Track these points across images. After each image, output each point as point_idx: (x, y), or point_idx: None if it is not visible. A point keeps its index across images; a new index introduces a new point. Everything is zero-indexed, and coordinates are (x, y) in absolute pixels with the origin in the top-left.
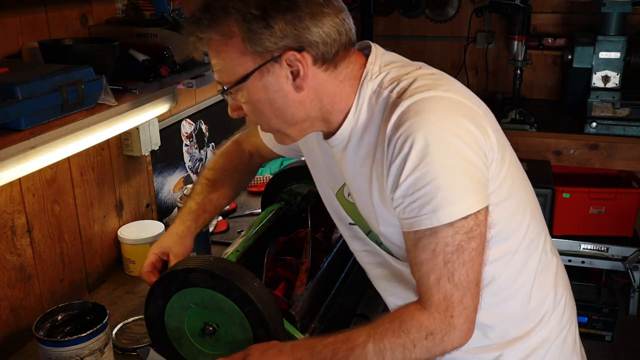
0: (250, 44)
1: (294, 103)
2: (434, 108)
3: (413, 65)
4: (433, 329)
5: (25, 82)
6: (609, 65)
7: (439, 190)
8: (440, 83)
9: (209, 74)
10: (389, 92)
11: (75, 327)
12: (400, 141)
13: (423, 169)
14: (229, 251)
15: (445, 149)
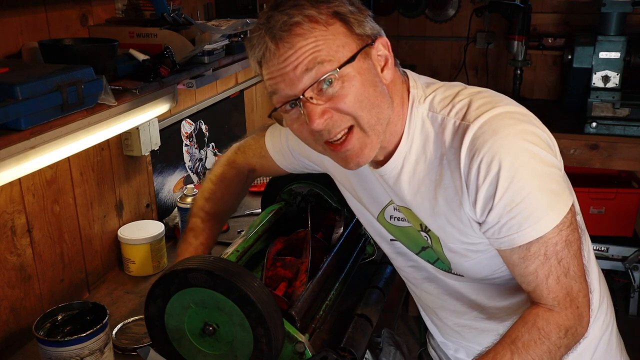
0: (350, 26)
1: (381, 95)
2: (506, 124)
3: (456, 86)
4: (569, 325)
5: (25, 82)
6: (609, 65)
7: (536, 201)
8: (495, 99)
9: (209, 74)
10: (446, 115)
11: (75, 327)
12: (485, 164)
13: (516, 185)
14: (229, 251)
15: (530, 160)
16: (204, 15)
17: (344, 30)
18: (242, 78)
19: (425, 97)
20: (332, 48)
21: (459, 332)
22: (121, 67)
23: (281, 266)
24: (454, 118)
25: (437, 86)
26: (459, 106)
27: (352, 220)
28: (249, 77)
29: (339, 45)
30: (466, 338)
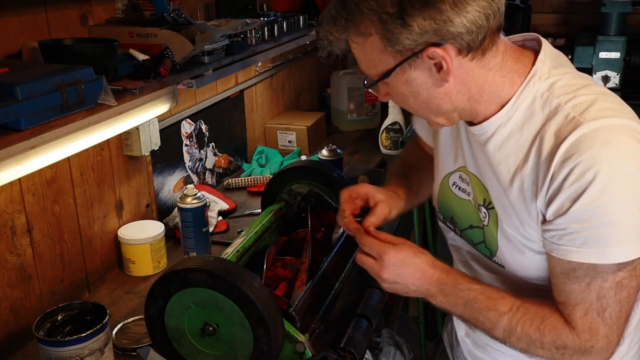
0: (388, 42)
1: (439, 95)
2: (622, 140)
3: (584, 78)
4: (568, 345)
5: (25, 82)
6: (609, 65)
7: (612, 231)
8: (622, 108)
9: (209, 74)
10: (563, 103)
11: (75, 327)
12: (580, 170)
13: (601, 205)
14: (229, 251)
15: (630, 188)
16: (204, 15)
17: (380, 46)
18: (242, 78)
19: (548, 77)
20: (370, 61)
21: None
22: (121, 67)
23: (281, 266)
24: (571, 109)
25: (566, 70)
26: (581, 99)
27: None
28: (249, 77)
29: (375, 60)
30: None
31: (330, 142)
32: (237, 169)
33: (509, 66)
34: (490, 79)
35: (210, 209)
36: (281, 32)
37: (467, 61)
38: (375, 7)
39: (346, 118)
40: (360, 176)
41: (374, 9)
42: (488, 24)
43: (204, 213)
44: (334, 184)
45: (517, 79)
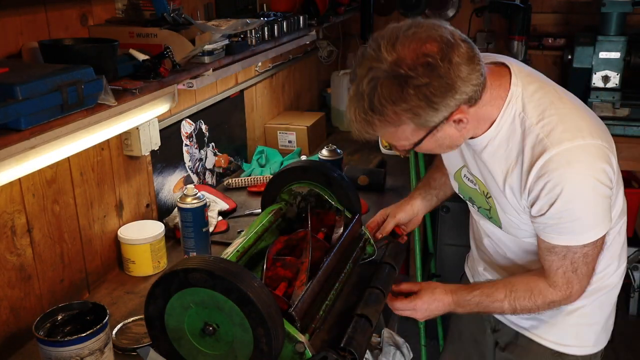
0: (420, 124)
1: (457, 138)
2: (581, 159)
3: (550, 94)
4: (555, 299)
5: (25, 82)
6: (609, 65)
7: (579, 225)
8: (580, 125)
9: (209, 74)
10: (534, 123)
11: (75, 327)
12: (550, 185)
13: (569, 208)
14: (229, 251)
15: (589, 192)
16: (204, 15)
17: (412, 127)
18: (242, 78)
19: (521, 97)
20: (402, 138)
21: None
22: (121, 67)
23: (281, 266)
24: (540, 130)
25: (536, 87)
26: (547, 120)
27: (352, 220)
28: (249, 77)
29: (407, 136)
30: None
31: (330, 142)
32: (237, 169)
33: (494, 95)
34: (484, 111)
35: (210, 209)
36: (281, 32)
37: (473, 108)
38: (407, 107)
39: (346, 118)
40: (360, 176)
41: (407, 109)
42: (482, 78)
43: (204, 213)
44: (334, 184)
45: (500, 101)
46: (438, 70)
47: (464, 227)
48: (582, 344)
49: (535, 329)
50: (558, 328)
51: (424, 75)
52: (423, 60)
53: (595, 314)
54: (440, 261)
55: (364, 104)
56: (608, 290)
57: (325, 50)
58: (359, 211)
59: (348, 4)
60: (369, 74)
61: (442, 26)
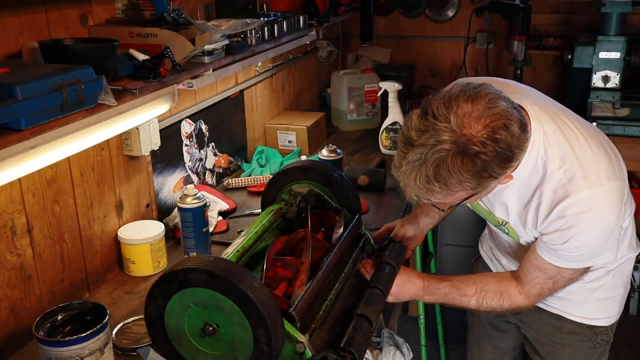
0: (475, 191)
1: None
2: (600, 205)
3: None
4: (520, 306)
5: (25, 82)
6: (609, 65)
7: (582, 257)
8: (599, 169)
9: (209, 74)
10: (556, 168)
11: (75, 327)
12: (568, 225)
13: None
14: (229, 251)
15: (605, 234)
16: (204, 15)
17: (463, 194)
18: (242, 78)
19: (543, 142)
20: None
21: (498, 252)
22: (121, 67)
23: (281, 266)
24: (562, 176)
25: (554, 127)
26: (568, 166)
27: (352, 220)
28: (249, 77)
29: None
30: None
31: (330, 142)
32: (237, 169)
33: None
34: None
35: (210, 209)
36: (281, 32)
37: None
38: (473, 179)
39: (346, 118)
40: (360, 176)
41: (471, 180)
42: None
43: (204, 213)
44: (334, 184)
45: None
46: (503, 144)
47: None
48: (609, 315)
49: (565, 307)
50: (586, 305)
51: (491, 151)
52: (492, 135)
53: (616, 287)
54: (440, 261)
55: (427, 172)
56: (625, 264)
57: (325, 50)
58: (359, 211)
59: (348, 4)
60: (437, 145)
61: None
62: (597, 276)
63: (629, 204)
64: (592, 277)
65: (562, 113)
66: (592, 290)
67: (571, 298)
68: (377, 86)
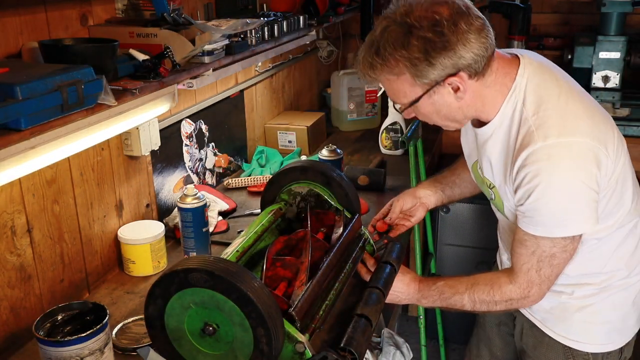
0: (417, 78)
1: (455, 109)
2: (563, 156)
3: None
4: (513, 297)
5: (25, 82)
6: (609, 65)
7: (552, 217)
8: (576, 123)
9: (209, 74)
10: (530, 116)
11: (75, 327)
12: (530, 176)
13: (544, 200)
14: (229, 251)
15: (565, 189)
16: (204, 15)
17: (410, 81)
18: (242, 78)
19: (525, 89)
20: (401, 92)
21: (501, 246)
22: (121, 67)
23: (281, 266)
24: (532, 122)
25: (541, 79)
26: (541, 114)
27: (352, 220)
28: (249, 77)
29: (406, 91)
30: (503, 251)
31: (330, 142)
32: (237, 169)
33: (500, 81)
34: (488, 93)
35: (210, 209)
36: (281, 32)
37: (474, 82)
38: (407, 55)
39: (346, 118)
40: (360, 176)
41: (406, 56)
42: (487, 53)
43: (204, 213)
44: (333, 184)
45: (505, 90)
46: (442, 28)
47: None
48: (592, 342)
49: (546, 321)
50: (567, 324)
51: (427, 30)
52: (431, 17)
53: (606, 313)
54: (440, 261)
55: (371, 50)
56: (621, 289)
57: (325, 50)
58: (359, 211)
59: (348, 4)
60: (382, 23)
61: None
62: (585, 294)
63: (620, 186)
64: (580, 294)
65: (564, 78)
66: (576, 309)
67: (554, 312)
68: (377, 86)
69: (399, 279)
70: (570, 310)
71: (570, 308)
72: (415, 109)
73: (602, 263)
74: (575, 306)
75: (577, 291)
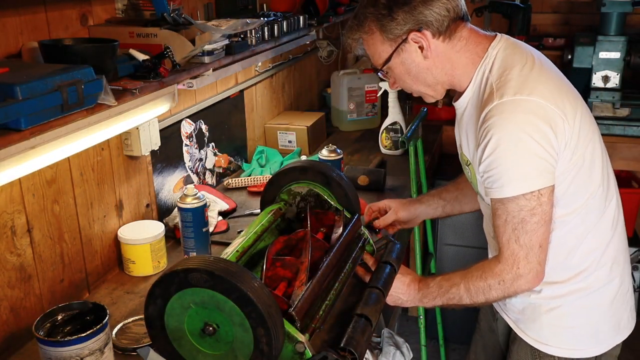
0: (385, 34)
1: (424, 70)
2: (516, 110)
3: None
4: (503, 277)
5: (25, 82)
6: (609, 65)
7: (506, 172)
8: (536, 86)
9: (209, 74)
10: (493, 81)
11: (75, 327)
12: (485, 131)
13: (497, 155)
14: (229, 251)
15: (515, 143)
16: (204, 15)
17: (380, 38)
18: (242, 78)
19: (494, 59)
20: (375, 53)
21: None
22: (121, 67)
23: (281, 266)
24: (495, 85)
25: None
26: (504, 78)
27: (352, 220)
28: (249, 77)
29: (379, 51)
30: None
31: (330, 142)
32: (237, 169)
33: (471, 49)
34: (458, 58)
35: (210, 209)
36: (281, 32)
37: (440, 43)
38: (373, 11)
39: (346, 118)
40: (360, 176)
41: (373, 13)
42: (449, 14)
43: (204, 213)
44: (333, 183)
45: (477, 59)
46: None
47: (464, 227)
48: (560, 345)
49: (520, 322)
50: (537, 325)
51: None
52: None
53: (574, 316)
54: (440, 261)
55: (353, 14)
56: (590, 292)
57: (325, 50)
58: (359, 211)
59: (348, 4)
60: None
61: None
62: (553, 294)
63: (587, 166)
64: (548, 293)
65: (537, 56)
66: (545, 310)
67: (525, 313)
68: (377, 86)
69: (399, 280)
70: (539, 311)
71: (539, 309)
72: (390, 71)
73: (568, 254)
74: (543, 307)
75: (545, 289)
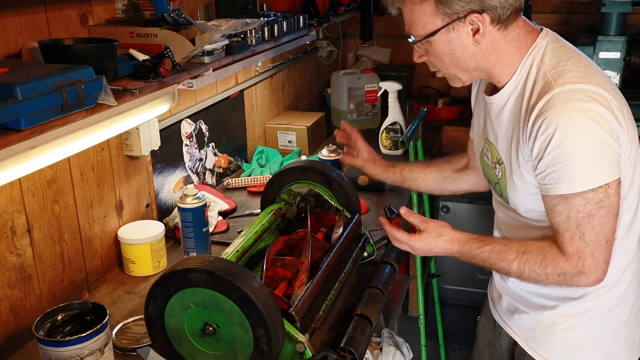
0: (442, 6)
1: (469, 54)
2: (580, 98)
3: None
4: (566, 270)
5: (25, 82)
6: (609, 65)
7: (575, 166)
8: (594, 78)
9: (209, 74)
10: (548, 71)
11: (75, 327)
12: (547, 121)
13: (565, 147)
14: (229, 251)
15: (584, 133)
16: (204, 15)
17: (432, 8)
18: (242, 78)
19: (544, 49)
20: (419, 22)
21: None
22: (121, 67)
23: (281, 266)
24: (550, 75)
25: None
26: (560, 68)
27: (352, 220)
28: (249, 77)
29: (425, 21)
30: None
31: (330, 142)
32: (237, 169)
33: (521, 38)
34: (507, 48)
35: (210, 209)
36: (281, 32)
37: (495, 30)
38: None
39: (346, 118)
40: (360, 176)
41: None
42: (514, 3)
43: (204, 213)
44: (333, 184)
45: (525, 48)
46: None
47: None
48: None
49: (530, 341)
50: (550, 344)
51: None
52: None
53: (589, 337)
54: (440, 261)
55: None
56: (606, 311)
57: (325, 50)
58: (359, 211)
59: (348, 4)
60: None
61: None
62: (570, 312)
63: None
64: (564, 311)
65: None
66: (561, 329)
67: (537, 331)
68: (377, 86)
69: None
70: (553, 330)
71: (554, 327)
72: (429, 46)
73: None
74: (559, 326)
75: (562, 306)
